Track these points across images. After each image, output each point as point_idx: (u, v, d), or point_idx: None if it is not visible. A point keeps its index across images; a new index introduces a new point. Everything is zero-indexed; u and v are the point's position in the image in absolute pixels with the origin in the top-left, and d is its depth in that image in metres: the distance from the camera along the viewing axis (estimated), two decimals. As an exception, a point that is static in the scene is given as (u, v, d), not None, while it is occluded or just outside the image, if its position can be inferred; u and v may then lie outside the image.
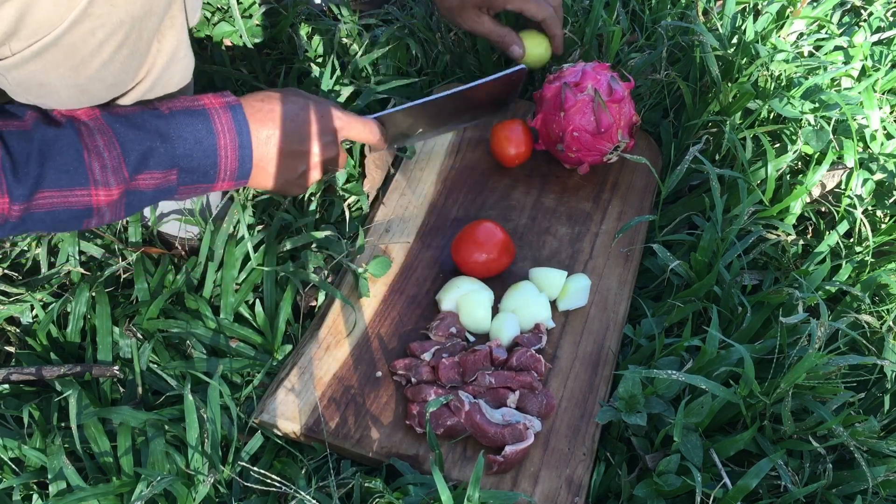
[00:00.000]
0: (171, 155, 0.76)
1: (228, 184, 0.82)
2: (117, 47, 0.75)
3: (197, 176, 0.79)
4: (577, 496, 0.82)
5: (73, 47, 0.72)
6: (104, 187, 0.72)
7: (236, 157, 0.80)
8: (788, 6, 1.32)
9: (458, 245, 0.98)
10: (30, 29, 0.69)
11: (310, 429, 0.85)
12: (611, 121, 1.04)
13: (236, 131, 0.80)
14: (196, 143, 0.77)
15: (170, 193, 0.79)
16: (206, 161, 0.78)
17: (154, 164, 0.75)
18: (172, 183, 0.77)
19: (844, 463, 0.86)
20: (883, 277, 0.99)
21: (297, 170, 0.87)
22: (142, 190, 0.75)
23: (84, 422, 0.83)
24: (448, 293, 0.96)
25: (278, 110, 0.83)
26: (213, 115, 0.79)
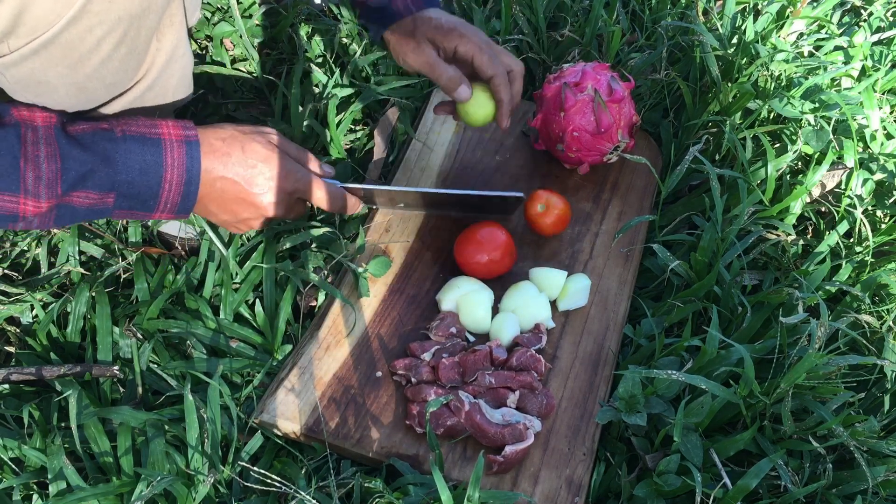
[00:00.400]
0: (111, 179, 0.74)
1: (167, 215, 0.80)
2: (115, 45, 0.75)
3: (135, 203, 0.77)
4: (577, 496, 0.82)
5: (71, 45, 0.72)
6: (33, 198, 0.70)
7: (179, 193, 0.78)
8: (788, 6, 1.32)
9: (462, 246, 0.98)
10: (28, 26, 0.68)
11: (310, 429, 0.85)
12: (611, 121, 1.04)
13: (186, 167, 0.78)
14: (141, 173, 0.75)
15: (104, 214, 0.77)
16: (147, 191, 0.76)
17: (92, 185, 0.73)
18: (108, 205, 0.76)
19: (844, 463, 0.86)
20: (883, 277, 0.99)
21: (240, 215, 0.85)
22: (74, 206, 0.74)
23: (84, 422, 0.83)
24: (448, 293, 0.96)
25: (236, 156, 0.81)
26: (167, 147, 0.77)
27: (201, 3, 1.28)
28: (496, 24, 1.29)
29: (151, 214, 0.79)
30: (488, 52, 0.96)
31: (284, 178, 0.84)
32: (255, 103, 1.28)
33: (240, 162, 0.81)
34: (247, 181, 0.81)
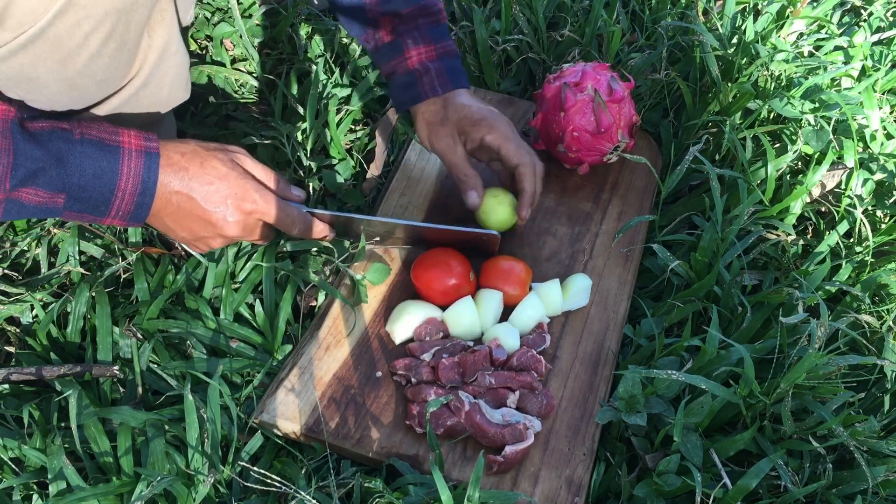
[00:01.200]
0: (62, 180, 0.73)
1: (118, 222, 0.79)
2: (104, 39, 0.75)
3: (85, 206, 0.76)
4: (577, 496, 0.82)
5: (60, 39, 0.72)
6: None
7: (132, 203, 0.78)
8: (788, 6, 1.32)
9: (419, 271, 0.95)
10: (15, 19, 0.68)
11: (310, 429, 0.85)
12: (611, 121, 1.04)
13: (142, 179, 0.77)
14: (94, 178, 0.75)
15: (53, 214, 0.76)
16: (98, 197, 0.76)
17: (42, 183, 0.72)
18: (58, 206, 0.75)
19: (844, 463, 0.86)
20: (883, 277, 0.99)
21: (197, 233, 0.84)
22: (23, 202, 0.73)
23: (84, 422, 0.83)
24: (400, 322, 0.93)
25: (194, 170, 0.80)
26: (125, 156, 0.76)
27: (201, 3, 1.28)
28: (496, 24, 1.29)
29: (102, 220, 0.78)
30: (515, 142, 0.97)
31: (241, 198, 0.83)
32: (255, 103, 1.28)
33: (197, 177, 0.80)
34: (202, 198, 0.81)
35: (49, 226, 1.03)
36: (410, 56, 0.98)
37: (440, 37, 1.00)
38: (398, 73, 1.00)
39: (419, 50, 0.98)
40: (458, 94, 0.99)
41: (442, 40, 1.00)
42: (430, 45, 0.99)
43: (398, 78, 1.00)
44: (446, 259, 0.95)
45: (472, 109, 0.97)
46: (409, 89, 0.99)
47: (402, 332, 0.93)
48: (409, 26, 0.99)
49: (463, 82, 1.00)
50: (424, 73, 0.98)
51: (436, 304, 0.95)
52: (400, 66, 0.99)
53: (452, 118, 0.97)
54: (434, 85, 0.98)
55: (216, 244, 0.87)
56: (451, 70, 0.99)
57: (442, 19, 1.01)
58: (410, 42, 0.98)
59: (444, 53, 1.00)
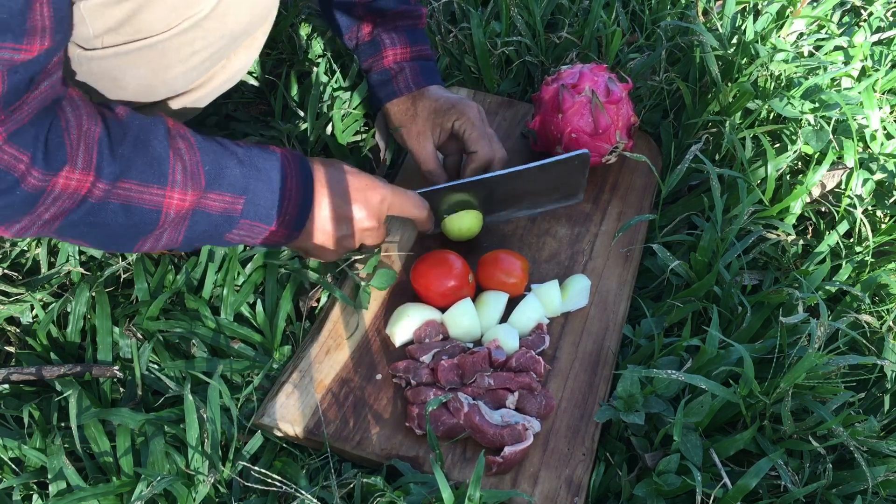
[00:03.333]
0: (244, 180, 0.74)
1: (282, 232, 0.79)
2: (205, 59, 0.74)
3: (261, 211, 0.76)
4: (577, 496, 0.82)
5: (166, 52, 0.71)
6: (180, 189, 0.69)
7: (297, 205, 0.79)
8: (788, 6, 1.32)
9: (418, 273, 0.95)
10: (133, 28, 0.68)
11: (310, 431, 0.85)
12: (608, 122, 1.04)
13: (302, 178, 0.79)
14: (267, 178, 0.75)
15: (229, 225, 0.75)
16: (272, 197, 0.76)
17: (227, 184, 0.73)
18: (237, 213, 0.75)
19: (844, 463, 0.86)
20: (883, 277, 0.99)
21: (340, 233, 0.84)
22: (208, 211, 0.73)
23: (84, 422, 0.84)
24: (400, 325, 0.92)
25: (333, 172, 0.82)
26: (284, 158, 0.78)
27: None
28: (495, 26, 1.29)
29: (269, 230, 0.78)
30: (480, 129, 0.99)
31: (373, 189, 0.85)
32: (255, 103, 1.28)
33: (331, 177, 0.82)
34: (346, 194, 0.82)
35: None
36: (387, 55, 1.01)
37: (417, 40, 1.03)
38: (374, 70, 1.03)
39: (395, 50, 1.01)
40: (427, 91, 1.01)
41: (418, 43, 1.03)
42: (406, 47, 1.02)
43: (373, 76, 1.03)
44: (445, 261, 0.95)
45: (441, 100, 1.00)
46: (384, 87, 1.02)
47: (402, 335, 0.93)
48: (389, 27, 1.01)
49: (435, 79, 1.02)
50: (399, 72, 1.01)
51: (435, 306, 0.95)
52: (376, 64, 1.02)
53: (422, 113, 1.00)
54: (408, 83, 1.01)
55: (354, 242, 0.87)
56: (425, 69, 1.02)
57: (420, 24, 1.04)
58: (388, 42, 1.01)
59: (419, 56, 1.03)
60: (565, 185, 1.01)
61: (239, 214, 0.75)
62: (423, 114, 1.00)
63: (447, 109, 0.99)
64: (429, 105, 1.00)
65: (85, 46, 0.69)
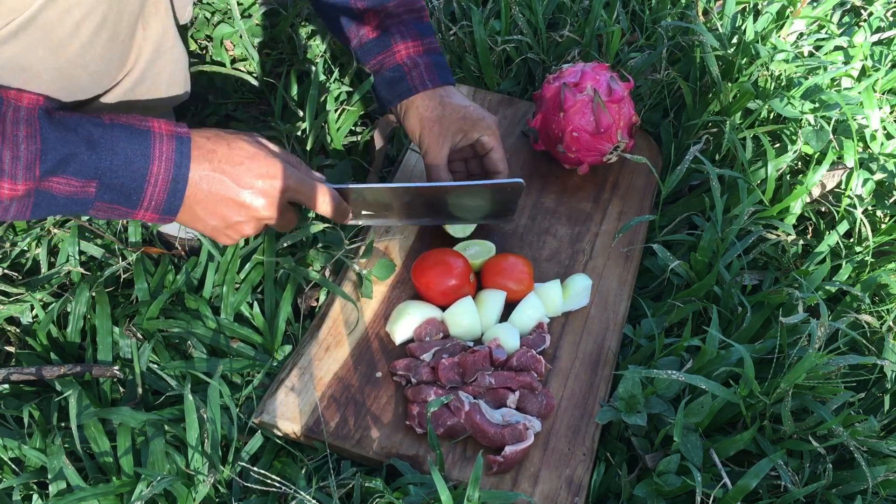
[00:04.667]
0: (94, 165, 0.70)
1: (151, 216, 0.76)
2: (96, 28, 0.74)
3: (117, 196, 0.73)
4: (577, 496, 0.82)
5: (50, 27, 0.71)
6: (10, 179, 0.67)
7: (165, 189, 0.75)
8: (788, 6, 1.32)
9: (420, 271, 0.95)
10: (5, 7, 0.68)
11: (310, 429, 0.85)
12: (610, 121, 1.04)
13: (174, 163, 0.74)
14: (126, 162, 0.72)
15: (84, 206, 0.73)
16: (131, 183, 0.72)
17: (73, 170, 0.70)
18: (90, 195, 0.72)
19: (844, 463, 0.86)
20: (883, 277, 0.99)
21: (229, 220, 0.80)
22: (53, 193, 0.70)
23: (84, 422, 0.83)
24: (400, 323, 0.92)
25: (222, 152, 0.77)
26: (156, 139, 0.74)
27: (201, 3, 1.28)
28: (496, 25, 1.29)
29: (134, 212, 0.75)
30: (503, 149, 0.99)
31: (273, 176, 0.80)
32: (255, 103, 1.28)
33: (226, 159, 0.77)
34: (234, 179, 0.78)
35: (49, 225, 1.04)
36: (398, 50, 0.99)
37: (426, 33, 1.00)
38: (385, 67, 1.00)
39: (406, 44, 0.99)
40: (452, 93, 0.99)
41: (427, 36, 1.00)
42: (416, 41, 0.99)
43: (385, 73, 1.00)
44: (446, 259, 0.95)
45: (470, 109, 0.98)
46: (397, 84, 0.99)
47: (402, 333, 0.93)
48: (395, 21, 0.99)
49: (450, 78, 1.00)
50: (413, 68, 0.98)
51: (436, 304, 0.95)
52: (387, 61, 0.99)
53: (451, 116, 0.97)
54: (424, 80, 0.98)
55: (248, 230, 0.83)
56: (439, 65, 1.00)
57: (425, 17, 1.01)
58: (398, 36, 0.99)
59: (430, 50, 1.00)
60: (496, 208, 0.99)
61: (92, 197, 0.72)
62: (451, 117, 0.97)
63: (477, 121, 0.97)
64: (459, 110, 0.97)
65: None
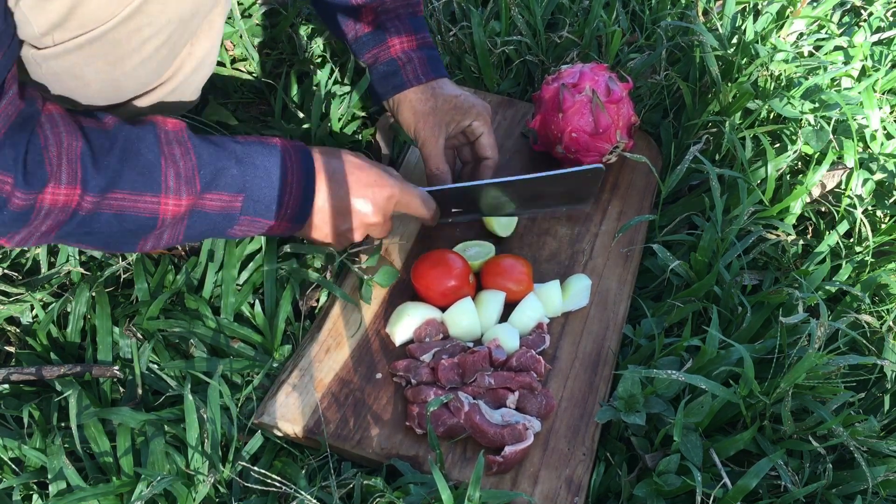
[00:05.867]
0: (241, 178, 0.76)
1: (284, 225, 0.82)
2: (159, 46, 0.75)
3: (260, 207, 0.78)
4: (577, 496, 0.82)
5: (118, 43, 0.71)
6: (175, 195, 0.72)
7: (299, 197, 0.81)
8: (788, 6, 1.32)
9: (419, 272, 0.95)
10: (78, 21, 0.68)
11: (310, 430, 0.85)
12: (609, 121, 1.04)
13: (303, 172, 0.80)
14: (266, 174, 0.77)
15: (229, 222, 0.78)
16: (271, 193, 0.78)
17: (224, 184, 0.75)
18: (235, 210, 0.77)
19: (844, 463, 0.86)
20: (883, 277, 0.99)
21: (343, 226, 0.87)
22: (206, 211, 0.75)
23: (84, 422, 0.83)
24: (400, 324, 0.92)
25: (335, 164, 0.84)
26: (285, 152, 0.80)
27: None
28: (495, 26, 1.29)
29: (272, 223, 0.80)
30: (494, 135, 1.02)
31: (380, 185, 0.86)
32: (255, 103, 1.28)
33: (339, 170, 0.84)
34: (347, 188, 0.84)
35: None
36: (393, 44, 1.01)
37: (419, 28, 1.03)
38: (380, 61, 1.02)
39: (401, 39, 1.01)
40: (443, 84, 1.02)
41: (421, 31, 1.03)
42: (410, 35, 1.02)
43: (379, 67, 1.02)
44: (446, 260, 0.95)
45: (461, 98, 1.01)
46: (391, 78, 1.02)
47: (402, 334, 0.93)
48: (391, 16, 1.01)
49: (442, 71, 1.03)
50: (407, 62, 1.01)
51: (435, 305, 0.95)
52: (382, 55, 1.02)
53: (443, 107, 1.00)
54: (417, 73, 1.01)
55: (357, 236, 0.89)
56: (432, 59, 1.02)
57: (419, 11, 1.03)
58: (393, 31, 1.01)
59: (424, 44, 1.02)
60: (576, 194, 1.01)
61: (238, 212, 0.77)
62: (443, 107, 1.00)
63: (469, 108, 1.00)
64: (450, 100, 1.00)
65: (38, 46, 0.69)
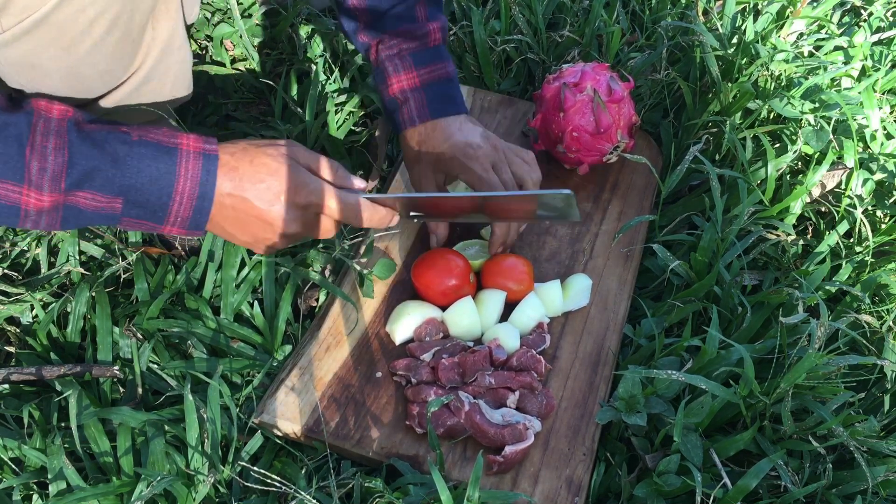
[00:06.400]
0: (118, 182, 0.70)
1: (178, 230, 0.76)
2: (108, 27, 0.74)
3: (144, 212, 0.73)
4: (577, 496, 0.82)
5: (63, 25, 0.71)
6: (36, 190, 0.67)
7: (191, 207, 0.74)
8: (788, 6, 1.32)
9: (420, 271, 0.95)
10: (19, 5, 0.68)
11: (310, 429, 0.85)
12: (610, 121, 1.04)
13: (199, 181, 0.73)
14: (151, 181, 0.72)
15: (112, 221, 0.73)
16: (156, 201, 0.72)
17: (98, 185, 0.70)
18: (116, 211, 0.72)
19: (844, 463, 0.86)
20: (883, 277, 0.99)
21: (258, 235, 0.79)
22: (81, 208, 0.70)
23: (84, 422, 0.83)
24: (400, 323, 0.92)
25: (244, 169, 0.76)
26: (183, 157, 0.73)
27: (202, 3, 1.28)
28: (496, 25, 1.29)
29: (161, 227, 0.75)
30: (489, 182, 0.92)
31: (294, 192, 0.78)
32: (255, 103, 1.28)
33: (247, 176, 0.76)
34: (255, 197, 0.77)
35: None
36: (391, 84, 0.97)
37: (426, 61, 0.97)
38: (385, 98, 0.99)
39: (399, 77, 0.96)
40: (436, 127, 0.96)
41: (428, 64, 0.97)
42: (411, 72, 0.96)
43: (387, 103, 0.99)
44: (446, 259, 0.95)
45: (446, 146, 0.94)
46: (393, 116, 0.98)
47: (402, 333, 0.93)
48: (391, 53, 0.97)
49: (449, 110, 0.96)
50: (404, 103, 0.96)
51: (436, 304, 0.95)
52: (385, 93, 0.98)
53: (426, 159, 0.96)
54: (412, 115, 0.96)
55: (280, 244, 0.81)
56: (435, 98, 0.96)
57: (430, 42, 0.97)
58: (391, 69, 0.97)
59: (430, 80, 0.97)
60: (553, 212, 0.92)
61: (119, 213, 0.73)
62: (426, 159, 0.96)
63: (450, 159, 0.94)
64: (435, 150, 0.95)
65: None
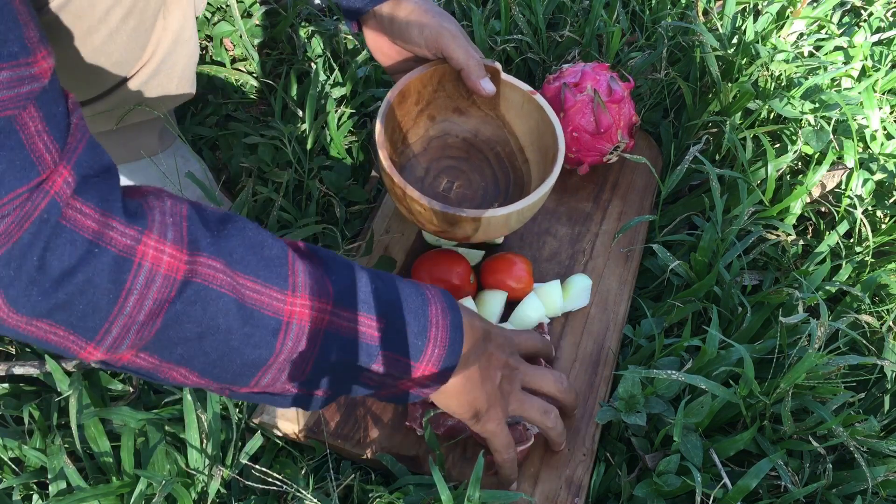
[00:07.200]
0: (378, 297, 0.61)
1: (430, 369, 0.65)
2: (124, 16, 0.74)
3: (399, 343, 0.62)
4: (577, 496, 0.82)
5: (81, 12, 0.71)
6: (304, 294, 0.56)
7: (446, 337, 0.64)
8: (788, 6, 1.32)
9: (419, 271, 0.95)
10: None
11: (310, 429, 0.85)
12: (610, 121, 1.04)
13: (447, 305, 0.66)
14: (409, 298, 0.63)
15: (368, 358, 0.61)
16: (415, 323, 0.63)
17: (361, 300, 0.60)
18: (374, 340, 0.61)
19: (844, 463, 0.86)
20: (883, 277, 0.99)
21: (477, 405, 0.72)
22: (340, 334, 0.58)
23: (84, 422, 0.83)
24: None
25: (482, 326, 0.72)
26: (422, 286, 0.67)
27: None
28: (496, 25, 1.29)
29: (416, 365, 0.64)
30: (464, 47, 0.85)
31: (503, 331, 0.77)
32: (255, 103, 1.28)
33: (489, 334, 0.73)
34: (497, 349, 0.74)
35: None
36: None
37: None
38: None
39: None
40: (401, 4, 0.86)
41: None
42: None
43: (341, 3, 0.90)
44: (446, 259, 0.95)
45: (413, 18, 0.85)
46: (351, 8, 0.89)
47: None
48: None
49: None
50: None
51: None
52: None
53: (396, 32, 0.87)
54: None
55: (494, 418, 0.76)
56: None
57: None
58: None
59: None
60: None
61: (377, 343, 0.61)
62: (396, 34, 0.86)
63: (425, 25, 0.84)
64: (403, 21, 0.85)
65: None
